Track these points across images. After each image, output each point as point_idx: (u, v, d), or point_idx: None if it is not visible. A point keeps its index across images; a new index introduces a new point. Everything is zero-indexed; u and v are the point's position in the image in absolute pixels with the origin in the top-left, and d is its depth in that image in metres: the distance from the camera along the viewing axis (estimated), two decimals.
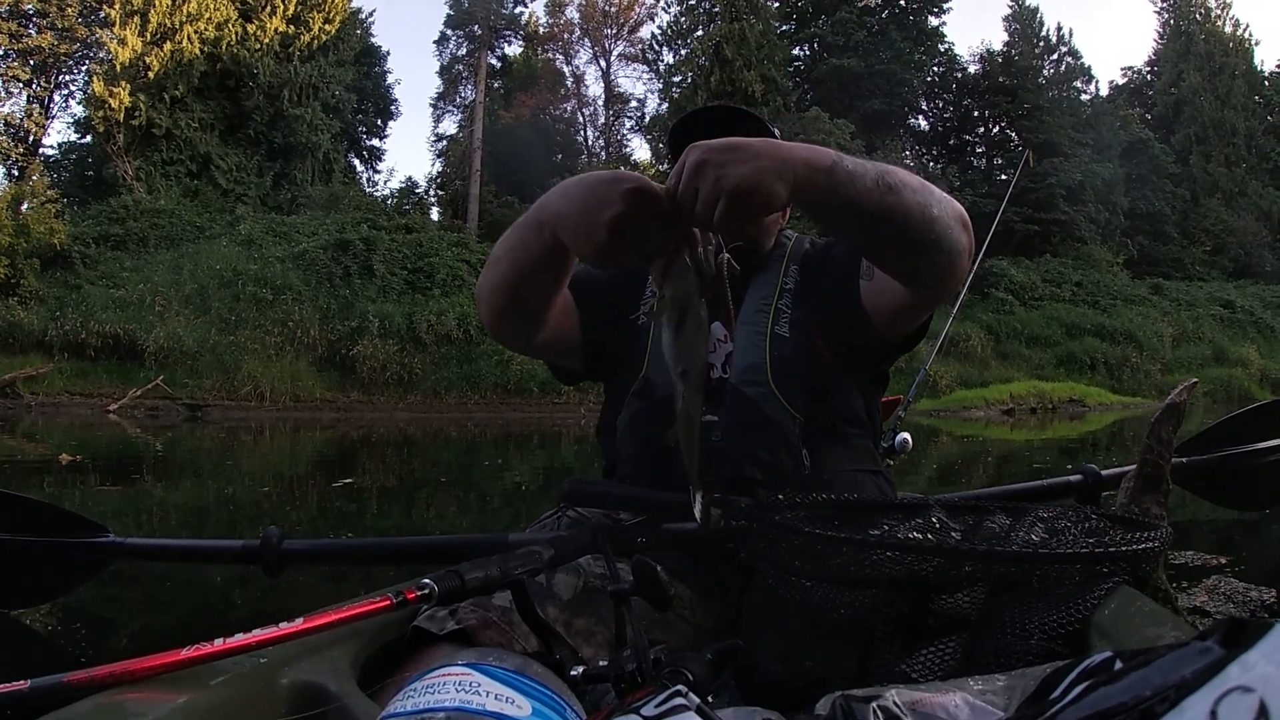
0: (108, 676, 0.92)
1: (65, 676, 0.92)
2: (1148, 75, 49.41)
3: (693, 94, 33.61)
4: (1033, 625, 1.09)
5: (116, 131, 26.80)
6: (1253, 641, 0.44)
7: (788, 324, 1.66)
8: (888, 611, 1.14)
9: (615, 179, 1.12)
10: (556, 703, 0.83)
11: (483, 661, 0.84)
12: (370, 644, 1.20)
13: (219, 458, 10.07)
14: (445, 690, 0.78)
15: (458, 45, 40.11)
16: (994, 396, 21.28)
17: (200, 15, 28.23)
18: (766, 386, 1.58)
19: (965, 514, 1.32)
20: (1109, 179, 37.42)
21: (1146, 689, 0.47)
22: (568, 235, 1.19)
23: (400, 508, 6.16)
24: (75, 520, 1.88)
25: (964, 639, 1.10)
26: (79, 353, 19.37)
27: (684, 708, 0.73)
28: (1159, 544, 1.15)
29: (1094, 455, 10.61)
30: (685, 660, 0.91)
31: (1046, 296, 31.26)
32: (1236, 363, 29.33)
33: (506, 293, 1.45)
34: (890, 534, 1.21)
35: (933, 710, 0.76)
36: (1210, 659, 0.46)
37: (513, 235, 1.39)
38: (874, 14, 39.71)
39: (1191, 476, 1.91)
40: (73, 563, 1.89)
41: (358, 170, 38.54)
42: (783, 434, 1.56)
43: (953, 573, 1.12)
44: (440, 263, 24.14)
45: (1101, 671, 0.60)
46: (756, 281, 1.74)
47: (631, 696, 0.79)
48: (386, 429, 15.43)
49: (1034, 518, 1.27)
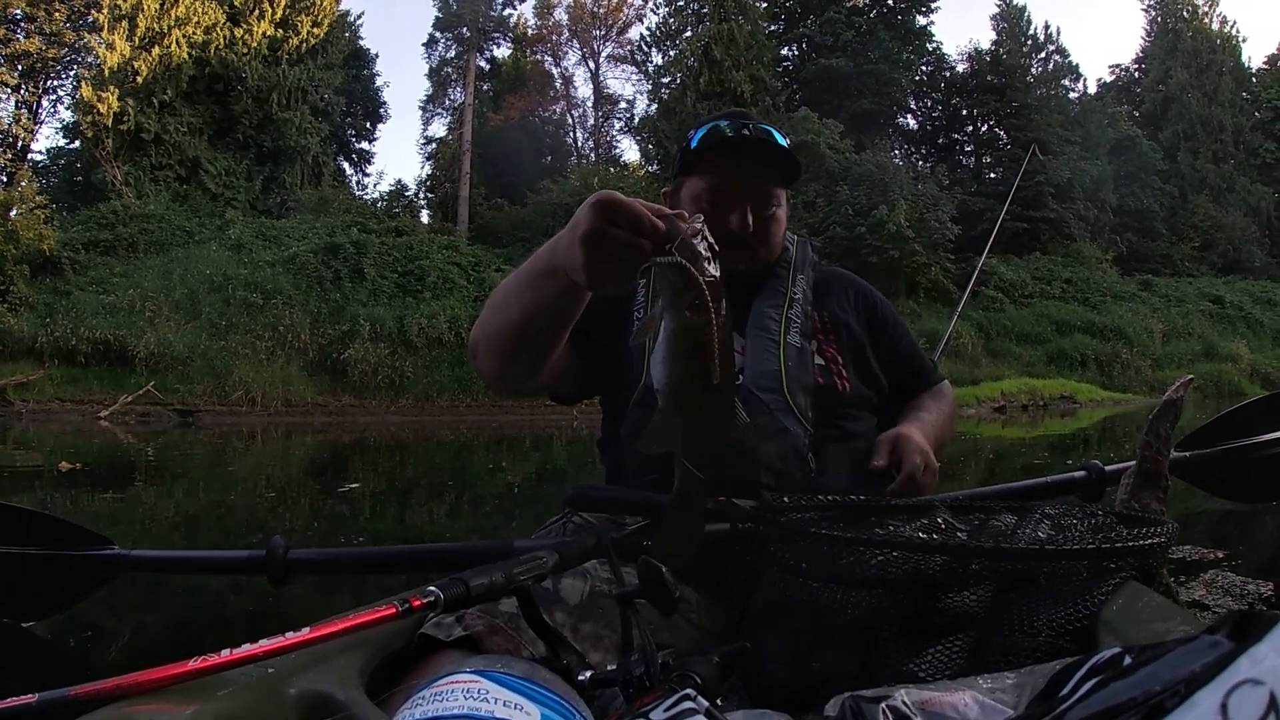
0: (115, 689, 0.91)
1: (72, 690, 0.91)
2: (1135, 73, 49.58)
3: (681, 95, 33.65)
4: (1040, 622, 1.08)
5: (105, 136, 26.69)
6: (1261, 634, 0.44)
7: (799, 334, 1.70)
8: (894, 612, 1.14)
9: (589, 200, 1.13)
10: (565, 708, 0.83)
11: (490, 668, 0.84)
12: (377, 652, 1.19)
13: (218, 464, 10.01)
14: (454, 698, 0.78)
15: (446, 48, 39.98)
16: (985, 394, 21.31)
17: (188, 19, 28.10)
18: (781, 395, 1.62)
19: (970, 513, 1.32)
20: (1097, 176, 37.56)
21: (1156, 684, 0.47)
22: (559, 260, 1.21)
23: (410, 512, 6.12)
24: (79, 532, 1.86)
25: (971, 637, 1.11)
26: (69, 359, 19.31)
27: (693, 711, 0.73)
28: (1166, 539, 1.16)
29: (1087, 451, 10.63)
30: (693, 664, 0.91)
31: (1036, 294, 31.37)
32: (1226, 358, 29.46)
33: (513, 336, 1.45)
34: (896, 534, 1.21)
35: (942, 710, 0.76)
36: (1220, 653, 0.46)
37: (518, 280, 1.39)
38: (862, 14, 39.71)
39: (1193, 470, 1.92)
40: (77, 576, 1.87)
41: (347, 174, 38.43)
42: (794, 443, 1.60)
43: (959, 571, 1.12)
44: (431, 265, 24.10)
45: (1111, 667, 0.60)
46: (764, 288, 1.77)
47: (640, 701, 0.80)
48: (379, 433, 15.38)
49: (1040, 515, 1.27)
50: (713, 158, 1.71)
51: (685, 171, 1.76)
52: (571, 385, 1.77)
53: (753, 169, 1.72)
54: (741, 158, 1.70)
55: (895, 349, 1.88)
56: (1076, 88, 44.33)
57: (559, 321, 1.40)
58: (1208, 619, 2.46)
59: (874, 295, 1.93)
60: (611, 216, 1.09)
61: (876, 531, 1.23)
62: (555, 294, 1.30)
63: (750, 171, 1.72)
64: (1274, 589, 2.75)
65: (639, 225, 1.08)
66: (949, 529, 1.25)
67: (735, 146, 1.71)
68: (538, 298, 1.34)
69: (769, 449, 1.57)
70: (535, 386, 1.65)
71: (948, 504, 1.35)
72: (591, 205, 1.11)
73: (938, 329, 21.65)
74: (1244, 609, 0.65)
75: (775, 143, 1.73)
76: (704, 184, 1.72)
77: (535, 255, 1.33)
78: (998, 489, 1.88)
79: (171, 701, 0.92)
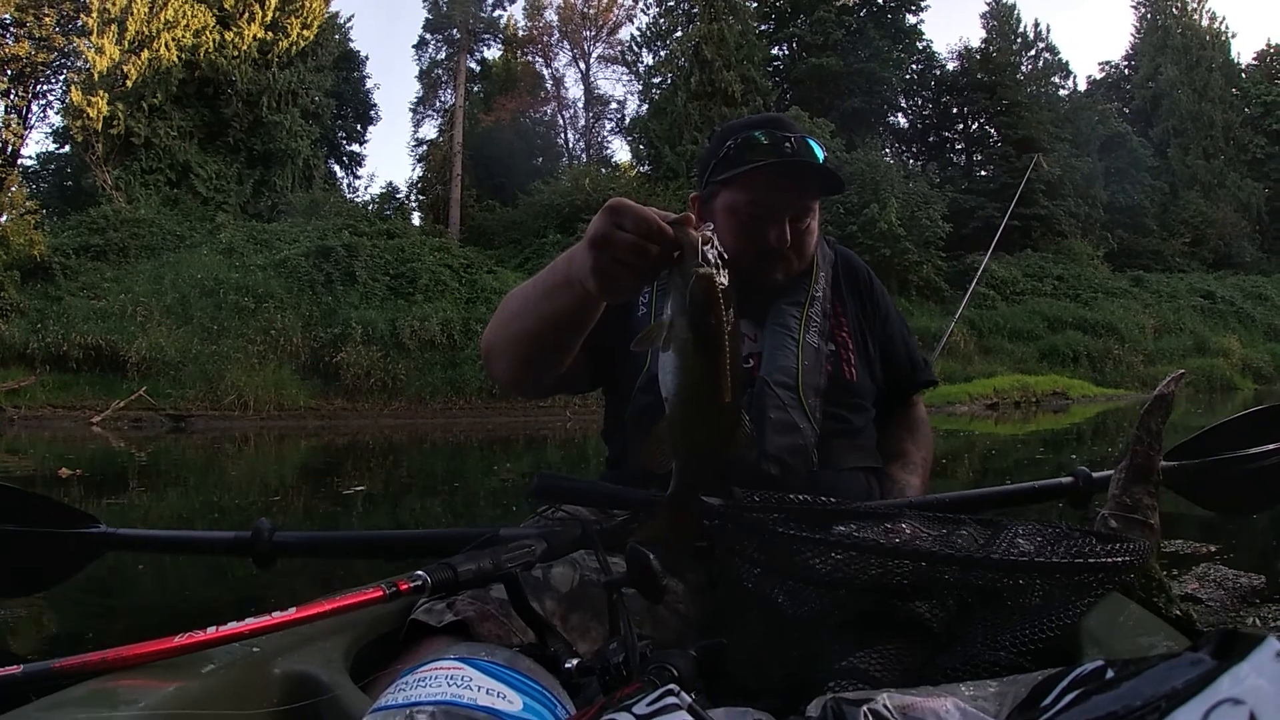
0: (100, 662, 0.93)
1: (57, 662, 0.93)
2: (1125, 69, 49.68)
3: (672, 95, 33.63)
4: (1004, 638, 1.08)
5: (95, 141, 26.56)
6: (1245, 654, 0.45)
7: (817, 334, 1.72)
8: (851, 614, 1.14)
9: (602, 208, 1.15)
10: (547, 698, 0.84)
11: (474, 656, 0.84)
12: (364, 635, 1.20)
13: (219, 468, 9.99)
14: (437, 684, 0.79)
15: (437, 49, 39.94)
16: (977, 391, 21.27)
17: (178, 23, 28.00)
18: (795, 393, 1.64)
19: (940, 524, 1.31)
20: (1088, 173, 37.65)
21: (1137, 699, 0.48)
22: (574, 270, 1.23)
23: (424, 511, 6.15)
24: (65, 511, 1.86)
25: (928, 647, 1.11)
26: (61, 365, 19.24)
27: (675, 707, 0.73)
28: (1134, 559, 1.14)
29: (1078, 447, 10.65)
30: (671, 657, 0.91)
31: (1028, 291, 31.43)
32: (1218, 353, 29.46)
33: (530, 344, 1.50)
34: (853, 537, 1.21)
35: (923, 715, 0.76)
36: (1201, 670, 0.47)
37: (534, 289, 1.43)
38: (852, 13, 39.68)
39: (1180, 480, 1.93)
40: (63, 553, 1.87)
41: (338, 176, 38.35)
42: (802, 440, 1.62)
43: (919, 578, 1.11)
44: (423, 268, 24.01)
45: (1093, 680, 0.61)
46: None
47: (622, 693, 0.79)
48: (373, 436, 15.36)
49: (1010, 534, 1.25)
50: (751, 171, 1.66)
51: (719, 180, 1.72)
52: (581, 382, 1.81)
53: (794, 185, 1.70)
54: (785, 175, 1.67)
55: (891, 342, 1.91)
56: (1067, 85, 44.37)
57: (574, 331, 1.43)
58: (1199, 613, 2.47)
59: (875, 283, 1.95)
60: (620, 220, 1.10)
61: (840, 534, 1.22)
62: (571, 304, 1.33)
63: (791, 188, 1.69)
64: (1265, 582, 2.76)
65: (647, 229, 1.09)
66: (912, 536, 1.24)
67: (777, 162, 1.66)
68: (554, 308, 1.38)
69: (779, 442, 1.59)
70: (548, 388, 1.71)
71: (923, 508, 1.35)
72: (602, 210, 1.13)
73: (930, 327, 21.71)
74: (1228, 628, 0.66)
75: (817, 160, 1.69)
76: (744, 198, 1.69)
77: (552, 266, 1.38)
78: (985, 492, 1.88)
79: (156, 677, 0.93)
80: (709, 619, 1.40)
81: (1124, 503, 1.50)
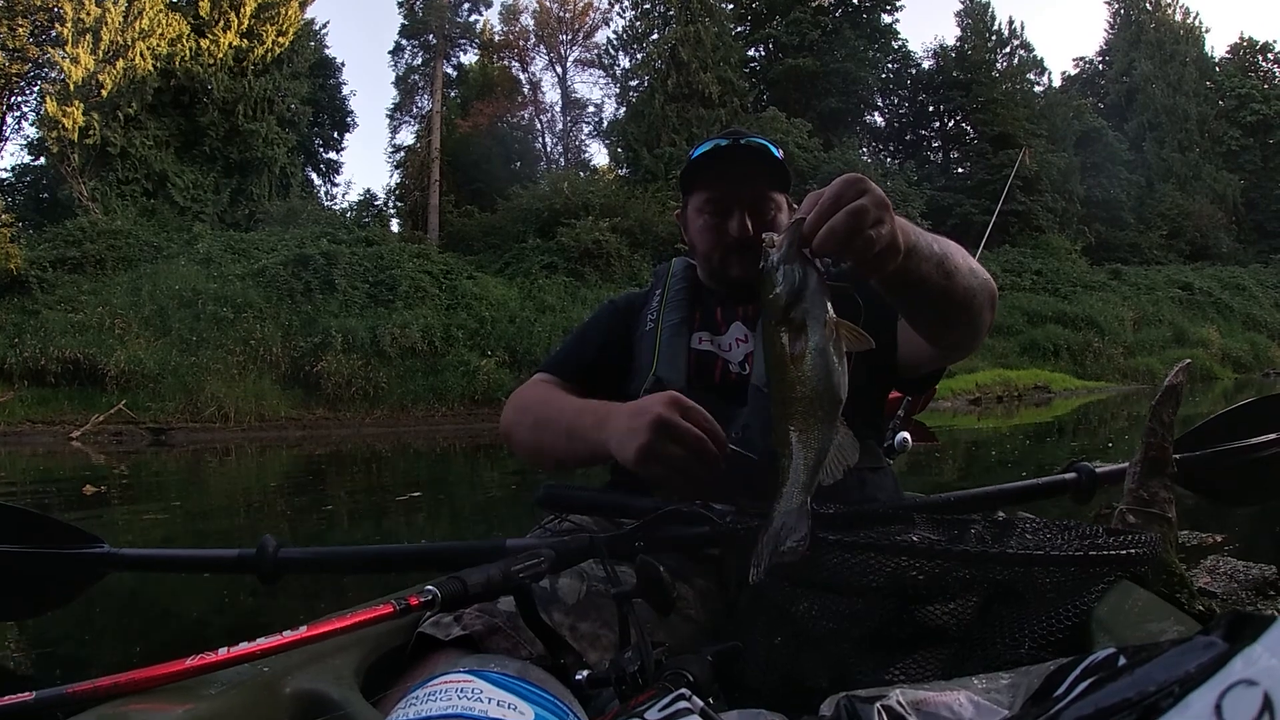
0: (112, 687, 0.93)
1: (69, 688, 0.93)
2: (1099, 65, 50.23)
3: (650, 97, 33.77)
4: (1024, 634, 1.09)
5: (70, 152, 26.40)
6: (1256, 635, 0.45)
7: None
8: (870, 620, 1.15)
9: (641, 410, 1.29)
10: (559, 708, 0.83)
11: (484, 668, 0.84)
12: (374, 651, 1.20)
13: (216, 481, 9.93)
14: (447, 697, 0.78)
15: (413, 55, 39.91)
16: (960, 387, 21.39)
17: (153, 31, 27.89)
18: None
19: (950, 526, 1.32)
20: (1064, 168, 38.04)
21: (1151, 684, 0.48)
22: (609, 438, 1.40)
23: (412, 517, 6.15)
24: (68, 531, 1.87)
25: (950, 649, 1.11)
26: (39, 380, 19.12)
27: (688, 711, 0.73)
28: (1148, 550, 1.16)
29: (1061, 440, 10.74)
30: (686, 662, 0.90)
31: (1007, 286, 31.61)
32: (1197, 343, 29.80)
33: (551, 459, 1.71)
34: (867, 538, 1.20)
35: (936, 709, 0.77)
36: (1214, 653, 0.47)
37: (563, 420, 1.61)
38: (828, 13, 39.98)
39: (1181, 472, 1.93)
40: (67, 574, 1.88)
41: (315, 184, 38.27)
42: None
43: (938, 579, 1.13)
44: (402, 274, 23.93)
45: (1105, 668, 0.61)
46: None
47: (635, 700, 0.79)
48: (355, 445, 15.28)
49: (1020, 528, 1.27)
50: (707, 171, 1.79)
51: (687, 189, 1.85)
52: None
53: (740, 174, 1.78)
54: (733, 167, 1.77)
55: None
56: (1041, 81, 44.74)
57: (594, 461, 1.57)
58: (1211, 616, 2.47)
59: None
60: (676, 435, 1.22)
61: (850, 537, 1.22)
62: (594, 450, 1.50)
63: (738, 178, 1.78)
64: (1278, 572, 2.77)
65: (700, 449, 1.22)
66: (922, 539, 1.23)
67: (725, 157, 1.77)
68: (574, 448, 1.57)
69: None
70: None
71: (924, 506, 1.35)
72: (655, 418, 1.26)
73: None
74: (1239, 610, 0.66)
75: (762, 150, 1.77)
76: (704, 196, 1.80)
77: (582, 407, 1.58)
78: (987, 490, 1.87)
79: (167, 700, 0.93)
80: (722, 622, 1.40)
81: (1141, 497, 1.51)
